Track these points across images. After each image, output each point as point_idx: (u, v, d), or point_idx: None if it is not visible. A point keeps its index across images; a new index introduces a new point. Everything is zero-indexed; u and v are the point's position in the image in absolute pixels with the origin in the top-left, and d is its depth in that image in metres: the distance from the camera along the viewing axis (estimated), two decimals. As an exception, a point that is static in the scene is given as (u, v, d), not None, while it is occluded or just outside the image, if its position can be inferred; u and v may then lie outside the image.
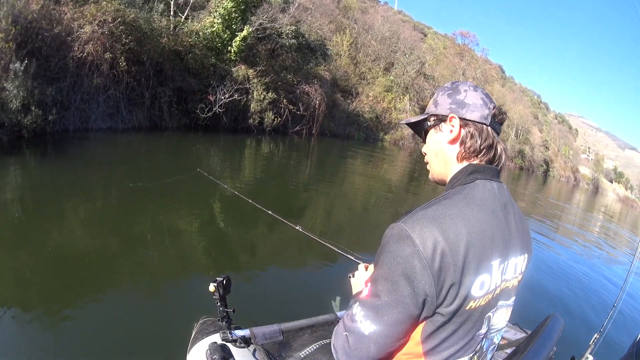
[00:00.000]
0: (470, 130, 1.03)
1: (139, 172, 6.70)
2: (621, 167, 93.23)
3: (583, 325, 3.92)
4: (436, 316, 0.90)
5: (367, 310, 0.92)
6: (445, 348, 0.94)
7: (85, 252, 3.65)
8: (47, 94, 7.48)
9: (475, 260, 0.89)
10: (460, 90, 1.07)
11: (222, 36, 12.92)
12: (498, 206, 0.99)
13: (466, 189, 0.99)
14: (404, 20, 42.91)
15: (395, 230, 0.90)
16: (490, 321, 1.01)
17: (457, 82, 1.11)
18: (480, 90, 1.07)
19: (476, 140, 1.02)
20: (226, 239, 4.85)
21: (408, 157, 22.34)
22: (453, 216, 0.90)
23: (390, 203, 8.93)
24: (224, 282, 1.51)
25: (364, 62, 27.45)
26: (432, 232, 0.86)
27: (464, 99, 1.05)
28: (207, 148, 10.78)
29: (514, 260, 1.02)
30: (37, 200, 4.61)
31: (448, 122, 1.06)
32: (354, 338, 0.93)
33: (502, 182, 1.06)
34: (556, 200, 23.97)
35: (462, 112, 1.04)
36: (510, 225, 1.01)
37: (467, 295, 0.89)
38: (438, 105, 1.09)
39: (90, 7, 8.97)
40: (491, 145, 1.03)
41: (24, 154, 6.30)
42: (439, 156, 1.10)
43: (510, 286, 1.04)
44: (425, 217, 0.89)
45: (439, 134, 1.09)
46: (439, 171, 1.12)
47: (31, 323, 2.58)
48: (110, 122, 9.49)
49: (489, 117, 1.04)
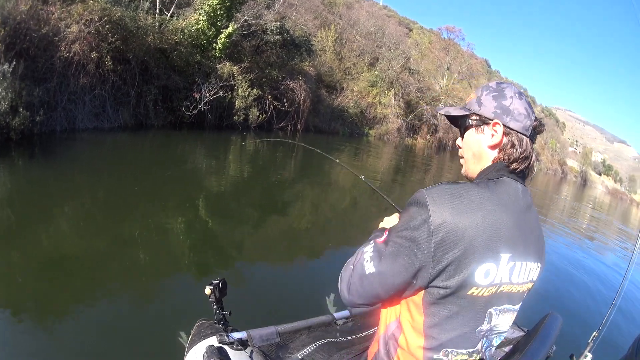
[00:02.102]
0: (512, 139, 1.05)
1: (126, 172, 6.88)
2: (610, 160, 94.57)
3: (582, 323, 3.92)
4: (434, 289, 0.95)
5: (374, 253, 1.02)
6: (444, 330, 0.99)
7: (77, 254, 3.68)
8: (35, 95, 7.58)
9: (482, 245, 0.92)
10: (507, 95, 1.07)
11: (207, 33, 13.02)
12: (520, 207, 1.01)
13: (492, 182, 1.02)
14: (389, 15, 43.06)
15: (418, 195, 0.96)
16: (492, 320, 1.04)
17: (502, 83, 1.11)
18: (524, 99, 1.07)
19: (516, 149, 1.04)
20: (221, 241, 4.90)
21: (393, 150, 22.68)
22: (472, 199, 0.94)
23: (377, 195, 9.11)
24: (220, 284, 1.49)
25: (349, 57, 27.55)
26: (445, 206, 0.92)
27: (509, 105, 1.06)
28: (193, 145, 10.95)
29: (527, 265, 1.03)
30: (27, 202, 4.68)
31: (491, 126, 1.07)
32: (357, 273, 1.04)
33: (527, 187, 1.08)
34: (543, 191, 24.40)
35: (506, 119, 1.05)
36: (528, 229, 1.03)
37: (469, 278, 0.92)
38: (482, 105, 1.09)
39: (77, 7, 9.04)
40: (527, 156, 1.05)
41: (12, 156, 6.40)
42: (476, 156, 1.12)
43: (520, 290, 1.06)
44: (445, 191, 0.95)
45: (480, 135, 1.10)
46: (473, 169, 1.14)
47: (24, 327, 2.59)
48: (96, 122, 9.60)
49: (530, 128, 1.06)
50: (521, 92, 1.09)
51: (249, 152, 12.09)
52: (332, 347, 1.57)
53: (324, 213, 7.22)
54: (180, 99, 12.06)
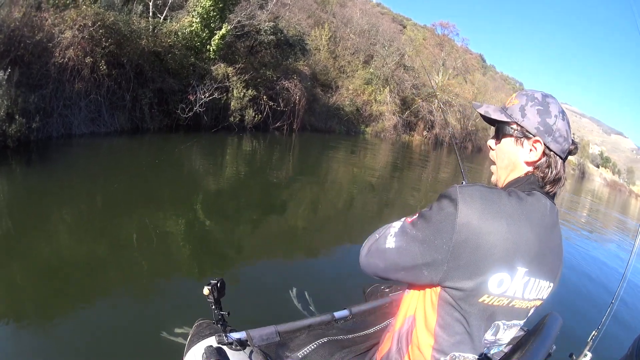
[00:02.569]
0: (549, 160, 1.05)
1: (124, 176, 6.92)
2: (607, 152, 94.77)
3: (581, 322, 3.94)
4: (449, 289, 0.96)
5: (399, 231, 1.04)
6: (452, 333, 1.00)
7: (76, 258, 3.71)
8: (30, 102, 7.61)
9: (501, 254, 0.91)
10: (552, 113, 1.05)
11: (201, 35, 12.99)
12: (545, 224, 1.01)
13: (525, 194, 1.01)
14: (383, 12, 43.12)
15: (452, 189, 0.97)
16: (499, 333, 1.04)
17: (548, 97, 1.08)
18: (566, 120, 1.07)
19: (551, 170, 1.04)
20: (216, 239, 4.93)
21: (390, 147, 22.79)
22: (501, 207, 0.94)
23: (377, 190, 9.16)
24: (218, 284, 1.49)
25: (343, 55, 27.55)
26: (474, 207, 0.92)
27: (552, 124, 1.04)
28: (189, 148, 10.98)
29: (540, 282, 1.02)
30: (25, 209, 4.72)
31: (531, 142, 1.06)
32: (378, 244, 1.07)
33: (555, 204, 1.08)
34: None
35: (548, 139, 1.04)
36: (549, 248, 1.03)
37: (483, 284, 0.93)
38: (525, 117, 1.07)
39: (70, 12, 9.03)
40: (560, 178, 1.06)
41: (9, 163, 6.43)
42: (509, 167, 1.12)
43: (528, 307, 1.06)
44: (478, 192, 0.95)
45: (518, 147, 1.09)
46: (503, 178, 1.14)
47: (24, 332, 2.62)
48: (92, 127, 9.61)
49: (566, 152, 1.07)
50: (564, 111, 1.07)
51: (246, 152, 12.14)
52: (333, 346, 1.58)
53: (322, 211, 7.26)
54: (176, 102, 12.05)
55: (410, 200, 9.39)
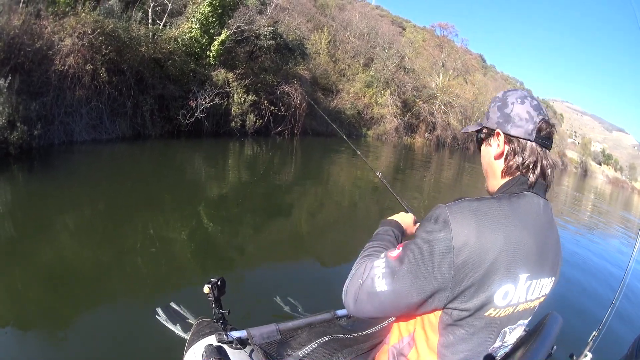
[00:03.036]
0: (513, 147, 1.03)
1: (126, 182, 6.92)
2: (609, 149, 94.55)
3: (582, 322, 3.89)
4: (453, 311, 0.92)
5: (387, 270, 0.96)
6: (457, 351, 0.96)
7: (78, 264, 3.73)
8: (32, 109, 7.61)
9: (503, 267, 0.89)
10: (508, 102, 1.05)
11: (201, 41, 13.04)
12: (540, 223, 0.99)
13: (515, 197, 0.99)
14: (382, 15, 43.22)
15: (439, 211, 0.93)
16: (505, 337, 1.03)
17: (510, 91, 1.09)
18: (528, 102, 1.04)
19: (518, 157, 1.02)
20: (218, 241, 4.91)
21: (392, 149, 22.82)
22: (495, 218, 0.91)
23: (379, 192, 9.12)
24: (219, 283, 1.49)
25: (343, 59, 27.65)
26: (469, 226, 0.88)
27: (510, 112, 1.04)
28: (191, 154, 11.00)
29: (542, 281, 1.01)
30: (28, 215, 4.73)
31: (495, 137, 1.07)
32: (366, 289, 0.99)
33: (548, 201, 1.05)
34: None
35: (507, 127, 1.04)
36: (547, 246, 1.00)
37: (489, 299, 0.90)
38: (489, 117, 1.10)
39: (70, 20, 9.08)
40: (535, 162, 1.02)
41: (11, 170, 6.44)
42: (489, 170, 1.12)
43: (532, 306, 1.04)
44: (468, 209, 0.91)
45: (488, 147, 1.11)
46: (490, 183, 1.13)
47: (25, 336, 2.62)
48: (94, 134, 9.63)
49: (534, 132, 1.02)
50: (526, 95, 1.07)
51: (248, 156, 12.14)
52: (334, 345, 1.55)
53: (325, 213, 7.24)
54: (177, 108, 12.08)
55: (414, 202, 9.32)
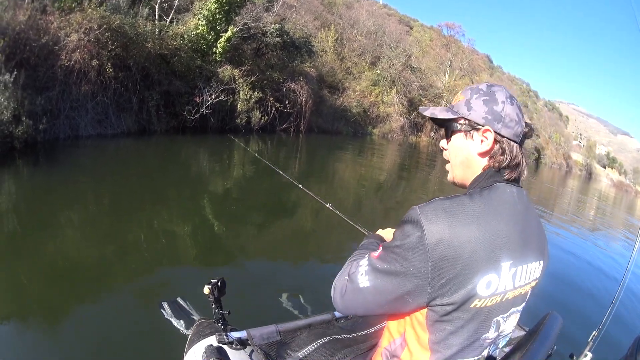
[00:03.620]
0: (503, 147, 1.02)
1: (131, 177, 6.93)
2: (614, 152, 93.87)
3: (581, 322, 3.89)
4: (438, 307, 0.93)
5: (369, 267, 1.00)
6: (450, 345, 0.97)
7: (81, 258, 3.72)
8: (37, 104, 7.63)
9: (483, 258, 0.90)
10: (498, 100, 1.03)
11: (207, 38, 13.04)
12: (516, 211, 1.00)
13: (486, 190, 0.99)
14: (390, 14, 43.12)
15: (412, 212, 0.94)
16: (500, 327, 1.02)
17: (494, 86, 1.07)
18: (515, 104, 1.04)
19: (506, 156, 1.02)
20: (220, 241, 4.87)
21: (398, 148, 22.85)
22: (467, 213, 0.92)
23: (384, 191, 9.08)
24: (219, 283, 1.50)
25: (350, 57, 27.63)
26: (441, 223, 0.89)
27: (500, 111, 1.02)
28: (196, 149, 11.01)
29: (528, 266, 1.01)
30: (32, 209, 4.73)
31: (481, 132, 1.04)
32: (351, 286, 1.03)
33: (522, 187, 1.06)
34: (550, 184, 24.21)
35: (497, 126, 1.02)
36: (527, 231, 1.01)
37: (472, 291, 0.91)
38: (472, 109, 1.05)
39: (76, 15, 9.09)
40: (518, 163, 1.03)
41: (16, 164, 6.45)
42: (464, 163, 1.10)
43: (523, 292, 1.04)
44: (440, 208, 0.92)
45: (469, 141, 1.07)
46: (460, 175, 1.12)
47: (28, 330, 2.62)
48: (99, 129, 9.66)
49: (521, 135, 1.04)
50: (512, 96, 1.06)
51: (252, 153, 12.12)
52: (334, 346, 1.55)
53: (328, 212, 7.14)
54: (182, 104, 12.09)
55: (420, 202, 9.29)
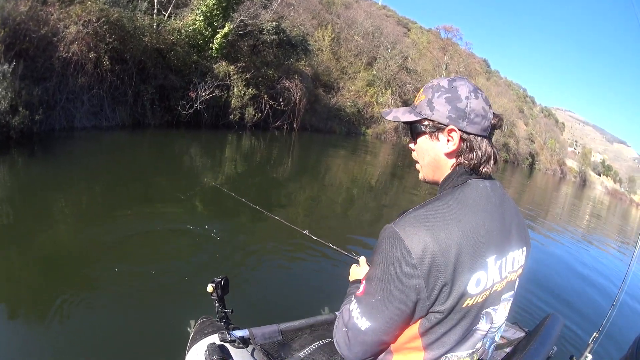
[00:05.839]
0: (470, 144, 0.98)
1: (124, 170, 7.05)
2: (610, 160, 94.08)
3: (582, 323, 3.86)
4: (432, 314, 0.90)
5: (362, 307, 0.94)
6: (443, 344, 0.95)
7: (77, 251, 3.68)
8: (34, 95, 7.75)
9: (469, 258, 0.88)
10: (461, 96, 0.98)
11: (204, 33, 13.19)
12: (492, 203, 0.97)
13: (458, 189, 0.97)
14: (388, 15, 43.12)
15: (387, 232, 0.90)
16: (492, 318, 1.00)
17: (456, 80, 1.01)
18: (480, 96, 0.99)
19: (475, 153, 0.98)
20: (223, 240, 4.76)
21: (391, 148, 22.98)
22: (444, 216, 0.89)
23: (377, 190, 9.14)
24: (222, 282, 1.49)
25: (346, 56, 27.72)
26: (422, 233, 0.86)
27: (464, 107, 0.97)
28: (189, 144, 11.12)
29: (511, 255, 1.00)
30: (26, 200, 4.76)
31: (446, 132, 0.99)
32: (353, 333, 0.96)
33: (495, 179, 1.04)
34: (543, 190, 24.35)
35: (463, 124, 0.97)
36: (506, 221, 0.99)
37: (463, 293, 0.89)
38: (435, 109, 1.00)
39: (75, 8, 9.23)
40: (489, 156, 0.99)
41: (12, 154, 6.56)
42: (432, 164, 1.06)
43: (511, 280, 1.02)
44: (416, 219, 0.89)
45: (435, 142, 1.03)
46: (431, 175, 1.08)
47: (25, 324, 2.60)
48: (94, 121, 9.81)
49: (489, 128, 1.00)
50: (477, 88, 1.01)
51: (245, 150, 12.24)
52: (334, 347, 1.54)
53: (326, 210, 7.25)
54: (177, 98, 12.23)
55: (410, 202, 9.44)
